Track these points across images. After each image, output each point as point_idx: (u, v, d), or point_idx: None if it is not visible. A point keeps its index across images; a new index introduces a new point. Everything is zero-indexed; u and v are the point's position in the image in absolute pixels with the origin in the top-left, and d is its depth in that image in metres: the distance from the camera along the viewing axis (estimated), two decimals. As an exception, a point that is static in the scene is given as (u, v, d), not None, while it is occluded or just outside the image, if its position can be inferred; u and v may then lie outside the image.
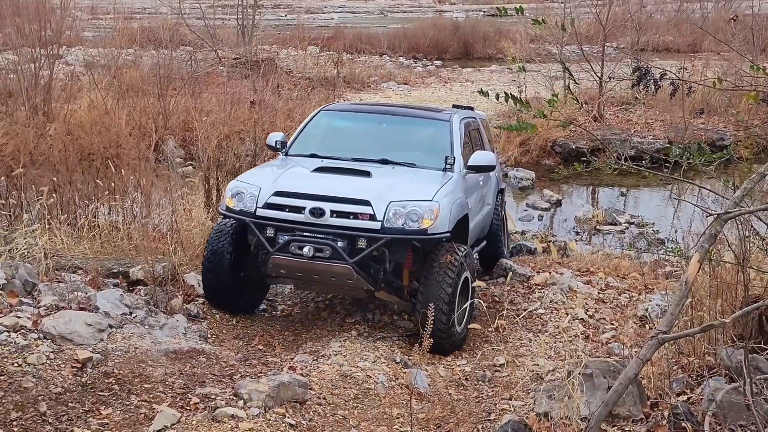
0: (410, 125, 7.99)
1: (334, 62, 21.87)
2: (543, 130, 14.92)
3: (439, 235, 6.33)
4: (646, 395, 4.57)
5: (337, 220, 6.21)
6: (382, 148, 7.46)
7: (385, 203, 6.21)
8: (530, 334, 6.64)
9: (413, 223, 6.21)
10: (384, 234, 6.16)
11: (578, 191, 14.63)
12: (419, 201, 6.29)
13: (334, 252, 6.16)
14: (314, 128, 7.90)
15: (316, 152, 7.41)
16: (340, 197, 6.30)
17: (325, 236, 6.19)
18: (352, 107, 9.47)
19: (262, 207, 6.43)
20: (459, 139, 7.52)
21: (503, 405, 5.31)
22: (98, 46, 18.56)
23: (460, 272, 6.35)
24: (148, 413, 4.55)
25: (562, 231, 11.69)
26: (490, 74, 24.67)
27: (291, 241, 6.24)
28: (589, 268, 8.66)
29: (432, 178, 6.90)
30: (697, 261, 3.33)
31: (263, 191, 6.48)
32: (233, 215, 6.60)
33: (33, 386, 4.61)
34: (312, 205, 6.25)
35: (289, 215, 6.33)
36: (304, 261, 6.20)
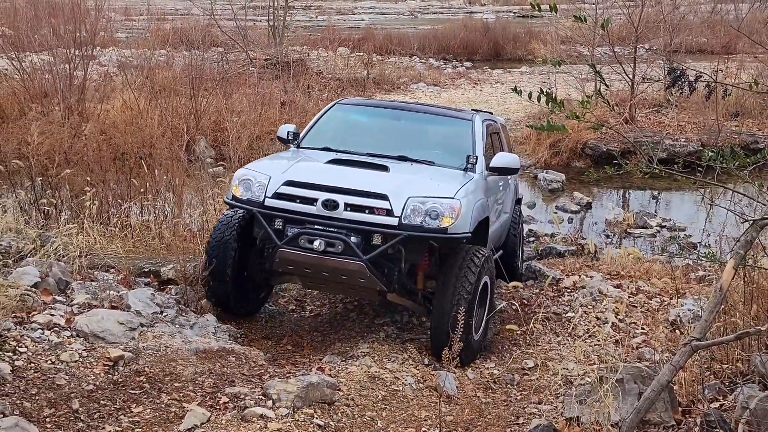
0: (430, 123, 7.68)
1: (364, 63, 21.90)
2: (573, 132, 14.81)
3: (459, 236, 5.98)
4: (677, 401, 4.51)
5: (351, 213, 5.85)
6: (400, 145, 7.09)
7: (403, 198, 5.87)
8: (559, 337, 6.59)
9: (433, 221, 5.84)
10: (401, 231, 5.80)
11: (609, 194, 14.50)
12: (440, 198, 5.93)
13: (346, 247, 5.78)
14: (328, 121, 7.55)
15: (329, 146, 7.03)
16: (355, 190, 5.93)
17: (338, 230, 5.82)
18: (368, 102, 9.06)
19: (271, 197, 6.06)
20: (481, 139, 7.20)
21: (532, 409, 5.28)
22: (131, 47, 18.77)
23: (480, 277, 6.04)
24: (178, 412, 4.59)
25: (592, 234, 11.59)
26: (520, 76, 24.54)
27: (301, 234, 5.86)
28: (619, 271, 8.58)
29: (453, 176, 6.54)
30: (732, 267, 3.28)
31: (273, 180, 6.12)
32: (240, 205, 6.24)
33: (66, 383, 4.68)
34: (325, 197, 5.89)
35: (300, 206, 5.96)
36: (314, 256, 5.82)
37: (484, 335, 6.42)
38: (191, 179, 9.49)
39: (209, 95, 14.26)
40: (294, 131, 7.22)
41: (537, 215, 12.38)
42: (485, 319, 6.36)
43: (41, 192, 8.16)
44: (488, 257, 6.27)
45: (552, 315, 7.17)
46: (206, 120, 13.83)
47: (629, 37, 17.94)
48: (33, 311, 5.33)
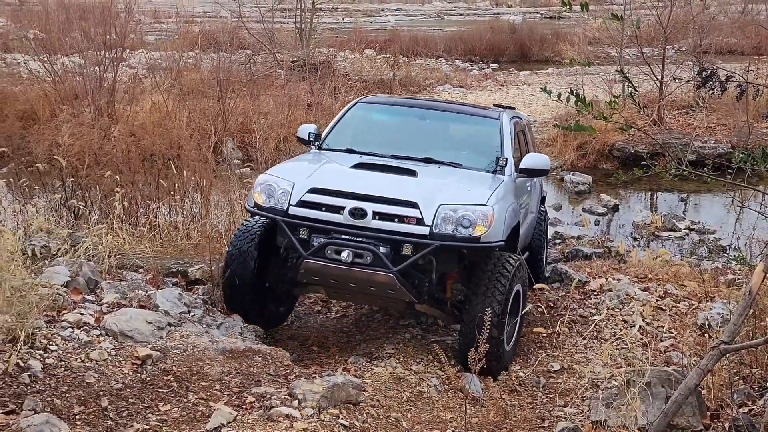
0: (456, 122, 7.36)
1: (390, 65, 21.93)
2: (600, 134, 14.70)
3: (492, 244, 5.74)
4: (705, 406, 4.47)
5: (379, 222, 5.62)
6: (426, 146, 6.83)
7: (434, 206, 5.63)
8: (585, 340, 6.55)
9: (465, 230, 5.61)
10: (432, 241, 5.55)
11: (636, 196, 14.38)
12: (472, 205, 5.70)
13: (375, 258, 5.54)
14: (350, 121, 7.25)
15: (352, 147, 6.75)
16: (384, 197, 5.68)
17: (366, 240, 5.59)
18: (391, 100, 8.77)
19: (296, 205, 5.80)
20: (510, 139, 6.91)
21: (558, 412, 5.26)
22: (160, 50, 18.97)
23: (512, 285, 5.81)
24: (205, 411, 4.64)
25: (619, 236, 11.50)
26: (546, 77, 24.41)
27: (327, 245, 5.62)
28: (647, 274, 8.50)
29: (482, 180, 6.31)
30: (761, 270, 3.24)
31: (297, 187, 5.85)
32: (262, 213, 5.98)
33: (95, 381, 4.74)
34: (352, 205, 5.64)
35: (326, 215, 5.71)
36: (341, 267, 5.57)
37: (515, 345, 6.22)
38: (218, 180, 9.56)
39: (236, 97, 14.37)
40: (315, 132, 6.98)
41: (563, 217, 12.31)
42: (517, 329, 6.14)
43: (71, 193, 8.27)
44: (521, 264, 6.02)
45: (578, 318, 7.13)
46: (233, 121, 13.93)
47: (658, 38, 17.78)
48: (63, 310, 5.41)
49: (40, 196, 8.33)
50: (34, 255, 6.25)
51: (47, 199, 7.97)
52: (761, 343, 3.50)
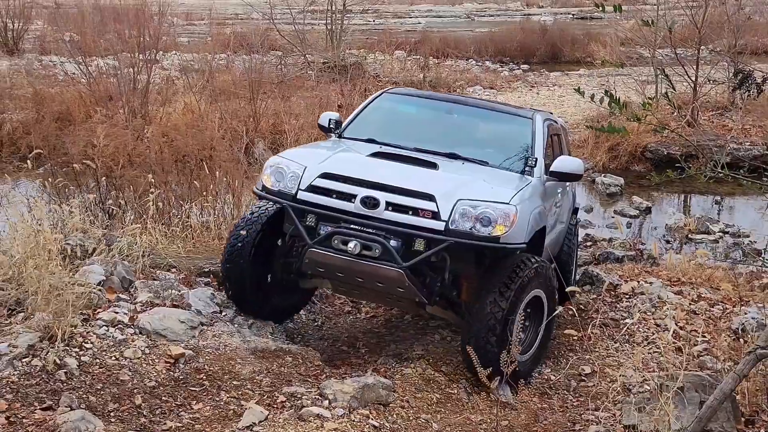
0: (485, 119, 7.01)
1: (420, 66, 21.93)
2: (633, 136, 14.57)
3: (513, 246, 5.39)
4: (740, 412, 4.42)
5: (392, 214, 5.27)
6: (451, 141, 6.50)
7: (452, 201, 5.27)
8: (617, 344, 6.49)
9: (484, 228, 5.24)
10: (447, 237, 5.21)
11: (669, 198, 14.23)
12: (494, 203, 5.32)
13: (384, 252, 5.20)
14: (374, 112, 6.97)
15: (373, 137, 6.46)
16: (399, 188, 5.34)
17: (377, 232, 5.25)
18: (418, 92, 8.46)
19: (305, 190, 5.49)
20: (542, 140, 6.59)
21: (588, 416, 5.22)
22: (193, 51, 19.17)
23: (525, 287, 5.43)
24: (236, 409, 4.68)
25: (651, 239, 11.39)
26: (578, 78, 24.22)
27: (335, 234, 5.29)
28: (680, 278, 8.41)
29: (509, 179, 5.98)
30: (797, 275, 3.20)
31: (308, 171, 5.54)
32: (269, 196, 5.69)
33: (129, 379, 4.81)
34: (365, 193, 5.32)
35: (336, 202, 5.39)
36: (348, 259, 5.25)
37: (537, 358, 5.87)
38: (250, 181, 9.64)
39: (268, 98, 14.47)
40: (337, 119, 6.71)
41: (595, 219, 12.23)
42: (540, 339, 5.77)
43: (106, 193, 8.39)
44: (541, 266, 5.63)
45: (609, 321, 7.07)
46: (265, 122, 14.03)
47: (692, 39, 17.58)
48: (98, 309, 5.49)
49: (76, 196, 8.45)
50: (71, 254, 6.35)
51: (82, 199, 8.08)
52: (798, 348, 3.45)
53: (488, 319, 5.27)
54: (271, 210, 5.99)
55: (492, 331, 5.25)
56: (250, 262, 5.83)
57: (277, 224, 5.93)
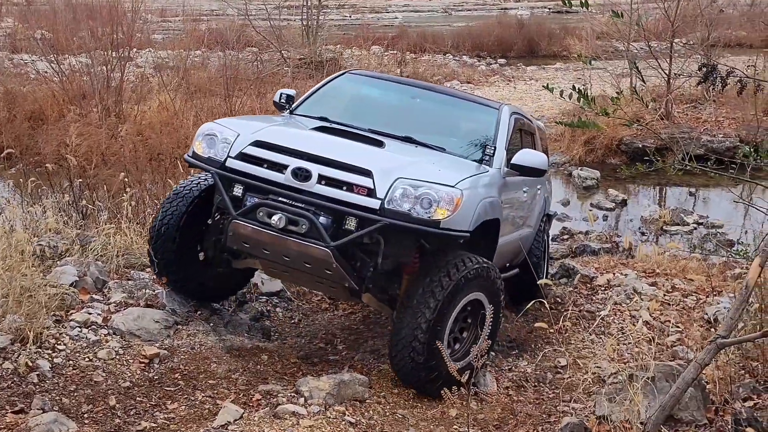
0: (449, 106, 6.63)
1: (397, 62, 21.92)
2: (609, 129, 14.67)
3: (454, 233, 4.94)
4: (711, 400, 4.48)
5: (324, 188, 4.88)
6: (410, 126, 6.14)
7: (390, 179, 4.87)
8: (593, 335, 6.55)
9: (423, 211, 4.81)
10: (381, 217, 4.79)
11: (645, 191, 14.35)
12: (436, 184, 4.91)
13: (312, 228, 4.80)
14: (333, 91, 6.65)
15: (326, 116, 6.11)
16: (334, 160, 4.95)
17: (306, 206, 4.87)
18: (382, 75, 8.08)
19: (235, 157, 5.13)
20: (506, 132, 6.25)
21: (564, 407, 5.26)
22: (167, 48, 19.03)
23: (460, 289, 4.99)
24: (212, 408, 4.67)
25: (627, 231, 11.48)
26: (554, 72, 24.36)
27: (260, 205, 4.93)
28: (654, 269, 8.50)
29: (462, 165, 5.61)
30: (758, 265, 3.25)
31: (240, 138, 5.19)
32: (198, 163, 5.31)
33: (103, 380, 4.79)
34: (297, 164, 4.93)
35: (266, 172, 5.02)
36: (272, 234, 4.86)
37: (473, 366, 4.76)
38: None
39: (244, 95, 14.39)
40: (291, 95, 6.42)
41: (571, 213, 12.31)
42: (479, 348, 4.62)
43: (80, 193, 8.32)
44: (483, 266, 5.18)
45: (586, 313, 7.14)
46: (241, 120, 13.92)
47: (665, 32, 17.71)
48: (71, 310, 5.45)
49: (49, 197, 8.38)
50: (42, 255, 6.30)
51: (56, 200, 8.02)
52: (758, 336, 3.50)
53: (413, 324, 4.88)
54: (204, 182, 5.67)
55: (416, 339, 4.86)
56: (178, 238, 5.52)
57: (211, 198, 5.53)
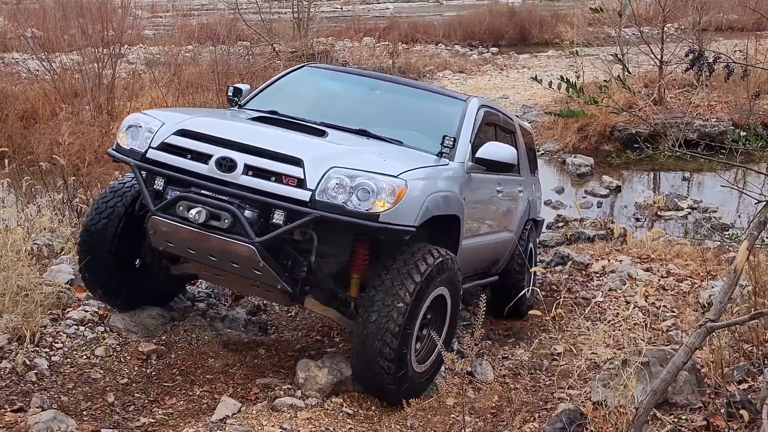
0: (412, 98, 6.22)
1: (389, 52, 21.91)
2: (602, 116, 14.71)
3: (396, 228, 4.45)
4: (705, 383, 4.50)
5: (250, 179, 4.45)
6: (367, 119, 5.78)
7: (323, 167, 4.42)
8: (589, 322, 6.58)
9: (360, 203, 4.37)
10: (312, 209, 4.34)
11: (639, 176, 14.39)
12: (376, 174, 4.46)
13: (235, 222, 4.37)
14: (288, 85, 6.30)
15: (276, 109, 5.74)
16: (261, 149, 4.52)
17: (229, 199, 4.43)
18: (343, 69, 7.81)
19: (157, 148, 4.72)
20: (471, 125, 5.78)
21: (560, 394, 5.29)
22: (158, 44, 18.98)
23: (428, 285, 4.66)
24: (210, 403, 4.70)
25: (622, 217, 11.52)
26: (547, 60, 24.37)
27: (180, 199, 4.49)
28: (649, 254, 8.54)
29: (415, 157, 5.15)
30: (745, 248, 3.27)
31: (164, 128, 4.78)
32: (119, 156, 4.88)
33: (101, 377, 4.81)
34: (221, 154, 4.51)
35: (188, 163, 4.59)
36: (193, 230, 4.42)
37: (437, 368, 5.16)
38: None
39: (236, 90, 14.34)
40: (241, 89, 6.11)
41: (566, 200, 12.34)
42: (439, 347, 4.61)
43: (74, 191, 8.32)
44: (447, 258, 4.85)
45: (581, 300, 7.17)
46: (233, 114, 13.91)
47: (657, 17, 17.71)
48: (68, 308, 5.47)
49: (43, 195, 8.39)
50: (39, 254, 6.31)
51: (50, 198, 8.02)
52: (746, 319, 3.52)
53: (382, 330, 4.53)
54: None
55: (386, 344, 4.55)
56: (112, 244, 5.09)
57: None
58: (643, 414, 3.30)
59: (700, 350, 4.54)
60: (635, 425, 3.31)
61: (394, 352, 4.55)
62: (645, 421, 3.38)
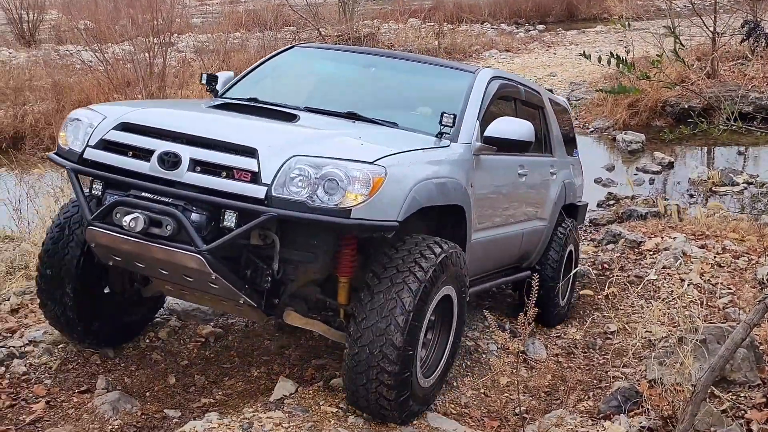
0: (413, 74, 5.48)
1: (435, 33, 21.80)
2: (653, 91, 14.44)
3: (374, 224, 3.74)
4: (764, 360, 4.45)
5: (198, 176, 3.76)
6: (358, 100, 5.11)
7: (282, 157, 3.69)
8: (642, 300, 6.53)
9: (328, 197, 3.63)
10: (268, 208, 3.63)
11: (692, 152, 14.12)
12: (349, 161, 3.71)
13: (179, 229, 3.66)
14: (275, 68, 5.64)
15: (257, 96, 5.06)
16: (209, 139, 3.82)
17: (175, 201, 3.73)
18: (337, 46, 7.06)
19: (95, 146, 4.03)
20: (479, 99, 5.01)
21: (614, 372, 5.28)
22: (206, 32, 19.22)
23: (432, 285, 3.97)
24: (267, 384, 4.79)
25: (675, 194, 11.34)
26: (595, 35, 23.99)
27: (117, 204, 3.81)
28: (704, 231, 8.40)
29: (403, 139, 4.44)
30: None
31: (105, 122, 4.08)
32: (57, 158, 4.22)
33: (162, 359, 4.95)
34: (165, 148, 3.82)
35: (128, 162, 3.91)
36: (133, 240, 3.72)
37: (442, 377, 4.46)
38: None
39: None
40: (221, 77, 5.46)
41: (617, 178, 12.18)
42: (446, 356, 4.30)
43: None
44: (451, 252, 4.16)
45: (634, 278, 7.10)
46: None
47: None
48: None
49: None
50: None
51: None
52: (807, 295, 3.47)
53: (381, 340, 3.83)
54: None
55: (385, 356, 3.82)
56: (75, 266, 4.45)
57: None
58: (702, 391, 3.28)
59: (758, 327, 4.49)
60: (693, 403, 3.30)
61: (395, 368, 3.83)
62: (703, 399, 3.36)
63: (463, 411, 4.65)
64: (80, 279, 4.47)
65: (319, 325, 4.32)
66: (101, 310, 4.67)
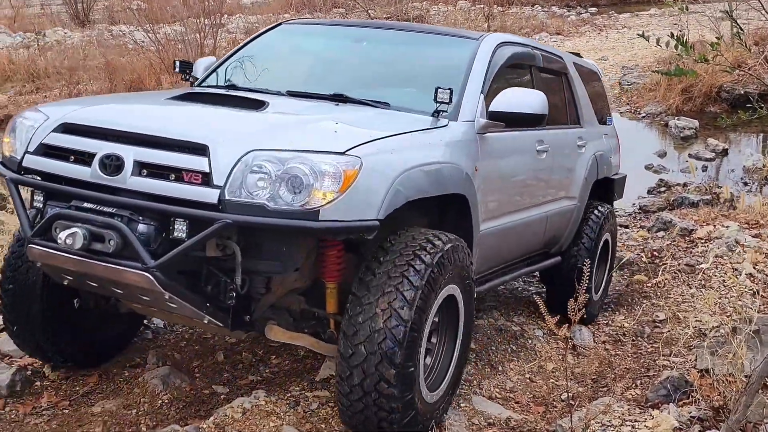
0: (411, 45, 4.87)
1: (484, 16, 21.60)
2: (707, 76, 14.12)
3: (346, 226, 3.22)
4: (820, 353, 4.35)
5: (143, 181, 3.27)
6: (347, 79, 4.64)
7: (237, 153, 3.19)
8: (692, 289, 6.42)
9: (291, 197, 3.13)
10: (221, 213, 3.13)
11: (747, 139, 13.79)
12: (313, 153, 3.19)
13: (123, 243, 3.19)
14: (259, 50, 5.11)
15: (235, 83, 4.72)
16: (155, 136, 3.34)
17: (119, 210, 3.25)
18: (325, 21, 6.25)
19: (34, 152, 3.57)
20: (484, 70, 4.44)
21: (663, 361, 5.21)
22: (256, 13, 19.33)
23: (434, 286, 3.47)
24: (313, 363, 4.83)
25: (728, 182, 11.09)
26: (648, 19, 23.52)
27: (56, 218, 3.32)
28: (758, 220, 8.21)
29: (393, 122, 3.91)
30: None
31: (47, 123, 3.61)
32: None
33: (211, 336, 5.03)
34: (106, 150, 3.34)
35: (70, 168, 3.45)
36: (73, 257, 3.27)
37: (452, 388, 3.94)
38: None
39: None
40: (197, 64, 5.08)
41: (668, 164, 11.96)
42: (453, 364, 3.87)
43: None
44: (455, 245, 3.67)
45: (685, 266, 6.98)
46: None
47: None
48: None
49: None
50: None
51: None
52: None
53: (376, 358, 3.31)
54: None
55: (388, 361, 3.30)
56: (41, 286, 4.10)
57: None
58: (756, 382, 3.21)
59: (814, 319, 4.38)
60: (747, 393, 3.23)
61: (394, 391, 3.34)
62: (757, 390, 3.30)
63: (509, 395, 4.64)
64: (47, 299, 4.12)
65: (306, 338, 3.81)
66: (73, 329, 4.28)
